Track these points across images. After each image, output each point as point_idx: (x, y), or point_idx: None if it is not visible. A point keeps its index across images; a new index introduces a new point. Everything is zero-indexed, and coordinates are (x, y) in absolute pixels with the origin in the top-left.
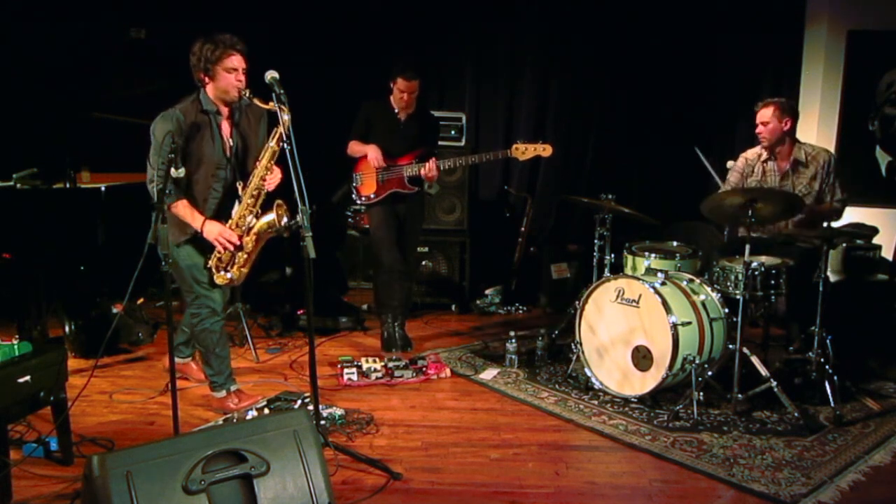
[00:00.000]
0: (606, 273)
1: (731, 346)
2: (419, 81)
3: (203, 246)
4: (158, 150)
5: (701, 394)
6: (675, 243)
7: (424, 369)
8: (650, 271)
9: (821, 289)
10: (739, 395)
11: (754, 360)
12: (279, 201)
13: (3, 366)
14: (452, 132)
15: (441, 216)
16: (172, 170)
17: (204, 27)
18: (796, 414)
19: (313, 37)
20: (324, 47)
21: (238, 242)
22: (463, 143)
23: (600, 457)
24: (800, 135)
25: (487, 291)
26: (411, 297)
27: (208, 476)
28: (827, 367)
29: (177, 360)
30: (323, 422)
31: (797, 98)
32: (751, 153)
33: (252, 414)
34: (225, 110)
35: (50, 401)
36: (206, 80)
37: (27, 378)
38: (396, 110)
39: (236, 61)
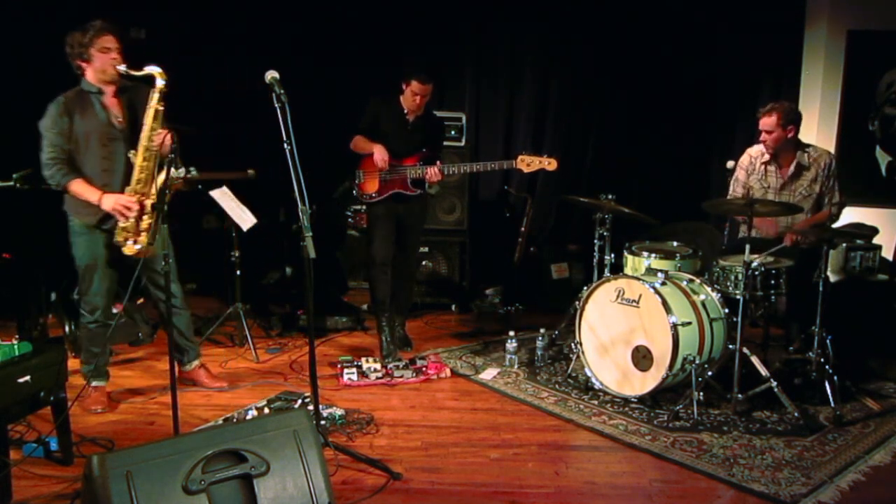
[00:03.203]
0: (606, 273)
1: (731, 346)
2: (433, 85)
3: (102, 246)
4: (48, 129)
5: (701, 394)
6: (675, 243)
7: (424, 369)
8: (650, 271)
9: (821, 289)
10: (739, 395)
11: (754, 360)
12: (170, 158)
13: (3, 366)
14: (452, 132)
15: (441, 216)
16: (173, 170)
17: (204, 27)
18: (796, 414)
19: (313, 37)
20: (324, 47)
21: (137, 206)
22: (463, 143)
23: (600, 457)
24: (800, 135)
25: (487, 291)
26: (412, 297)
27: (208, 476)
28: (827, 367)
29: (184, 367)
30: (323, 422)
31: (797, 98)
32: (755, 150)
33: (252, 414)
34: (109, 89)
35: (50, 401)
36: (84, 65)
37: (27, 378)
38: (405, 111)
39: (109, 41)
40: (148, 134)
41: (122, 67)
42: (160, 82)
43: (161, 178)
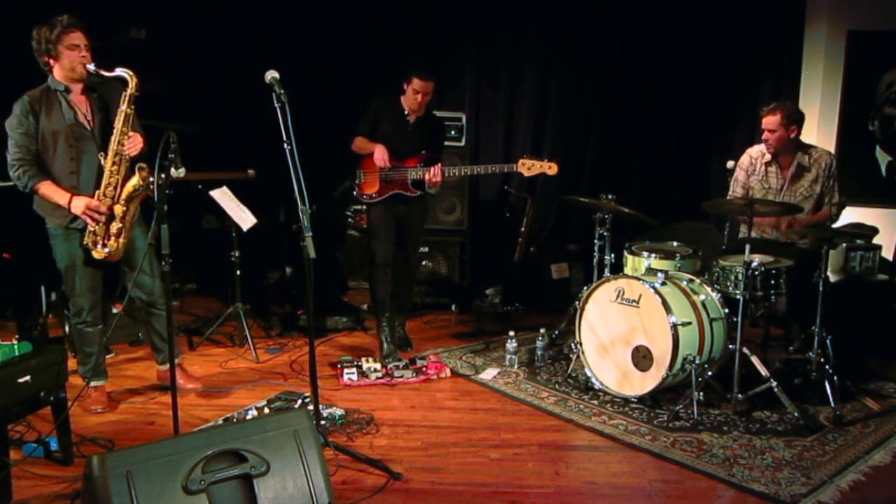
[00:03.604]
0: (606, 273)
1: (731, 346)
2: (435, 83)
3: (78, 246)
4: (14, 129)
5: (701, 394)
6: (675, 243)
7: (424, 369)
8: (650, 271)
9: (821, 289)
10: (739, 395)
11: (754, 360)
12: (141, 164)
13: (3, 366)
14: (452, 132)
15: (441, 216)
16: (173, 170)
17: (204, 27)
18: (796, 414)
19: (313, 37)
20: (324, 47)
21: (107, 212)
22: (463, 143)
23: (600, 457)
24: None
25: (487, 291)
26: (412, 297)
27: (208, 476)
28: (827, 367)
29: (160, 367)
30: (323, 422)
31: (797, 98)
32: (755, 151)
33: (252, 414)
34: (77, 87)
35: (50, 401)
36: (52, 62)
37: (27, 378)
38: (406, 111)
39: (77, 38)
40: (117, 138)
41: (92, 67)
42: (131, 85)
43: (132, 182)
